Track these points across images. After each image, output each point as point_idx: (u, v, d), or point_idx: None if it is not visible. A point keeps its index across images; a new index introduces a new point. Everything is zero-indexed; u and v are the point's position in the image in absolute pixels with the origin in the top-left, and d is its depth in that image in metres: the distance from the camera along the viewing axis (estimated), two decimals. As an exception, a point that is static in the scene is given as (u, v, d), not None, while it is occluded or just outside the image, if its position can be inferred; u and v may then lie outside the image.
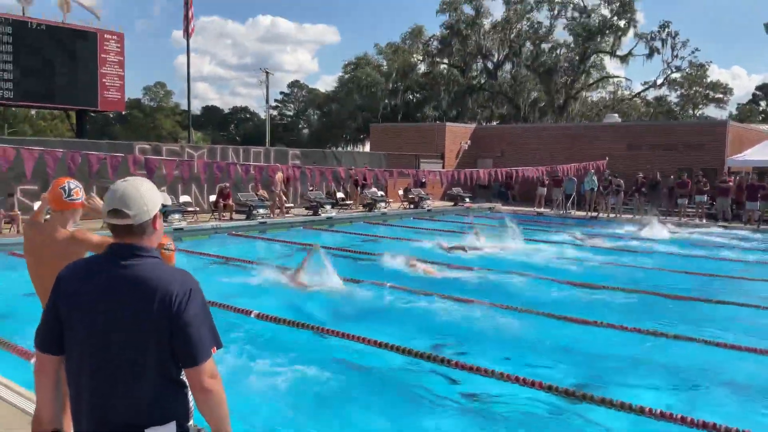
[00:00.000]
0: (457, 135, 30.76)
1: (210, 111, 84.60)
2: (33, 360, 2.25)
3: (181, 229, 15.64)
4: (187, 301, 2.00)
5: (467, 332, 7.60)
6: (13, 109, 46.50)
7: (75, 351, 2.06)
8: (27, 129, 52.94)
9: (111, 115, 63.99)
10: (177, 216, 16.27)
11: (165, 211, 15.89)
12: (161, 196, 2.19)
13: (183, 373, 2.05)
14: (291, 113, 76.70)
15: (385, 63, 51.39)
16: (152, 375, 1.99)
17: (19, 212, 14.26)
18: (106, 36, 21.94)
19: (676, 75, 47.85)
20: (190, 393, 2.09)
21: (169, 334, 1.98)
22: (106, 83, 22.00)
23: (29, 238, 3.56)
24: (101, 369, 2.01)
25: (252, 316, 7.69)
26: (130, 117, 64.85)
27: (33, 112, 52.35)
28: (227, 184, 18.04)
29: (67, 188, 3.48)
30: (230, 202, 18.03)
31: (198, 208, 18.43)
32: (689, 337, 7.15)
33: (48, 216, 3.61)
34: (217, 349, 2.08)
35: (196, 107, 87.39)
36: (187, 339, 1.99)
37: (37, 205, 3.72)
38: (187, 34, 25.90)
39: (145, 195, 2.10)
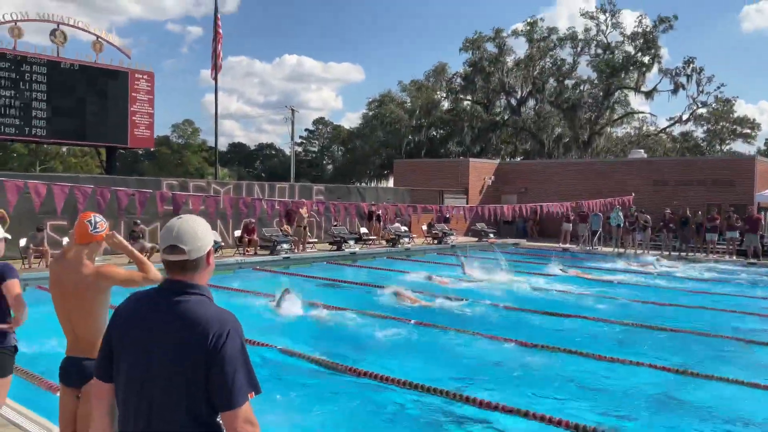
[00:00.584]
0: (481, 171, 30.75)
1: (236, 147, 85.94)
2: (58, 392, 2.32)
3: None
4: (224, 341, 1.99)
5: (491, 369, 7.46)
6: (45, 146, 47.76)
7: (120, 382, 2.12)
8: (58, 166, 54.17)
9: (140, 152, 65.30)
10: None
11: (217, 247, 16.03)
12: (213, 233, 2.23)
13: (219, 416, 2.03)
14: (315, 149, 77.56)
15: (408, 100, 51.89)
16: (188, 414, 1.99)
17: (48, 247, 14.46)
18: (136, 75, 22.52)
19: (702, 110, 47.54)
20: None
21: (205, 373, 1.97)
22: (136, 121, 22.49)
23: (55, 271, 3.59)
24: (141, 402, 2.04)
25: (276, 349, 7.65)
26: (159, 153, 66.08)
27: (64, 149, 53.62)
28: (252, 220, 18.20)
29: (93, 221, 3.54)
30: (255, 237, 18.14)
31: (223, 244, 18.57)
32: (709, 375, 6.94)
33: (72, 250, 3.64)
34: (254, 394, 2.03)
35: (223, 144, 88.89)
36: (223, 380, 1.97)
37: (66, 240, 3.77)
38: (216, 73, 26.46)
39: (199, 232, 2.15)
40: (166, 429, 1.99)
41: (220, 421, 2.02)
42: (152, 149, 48.09)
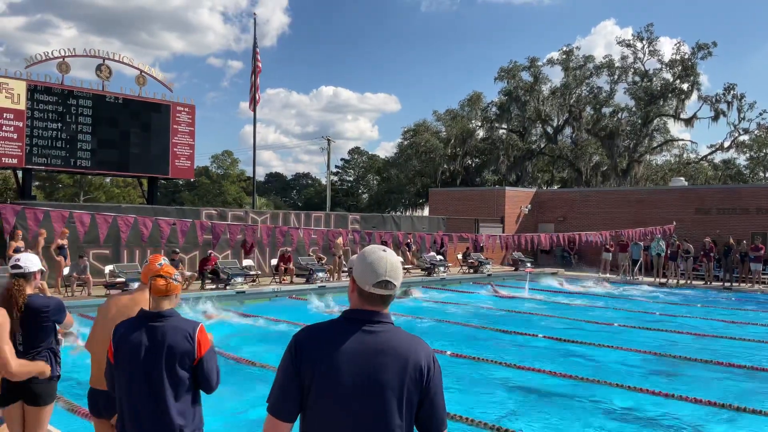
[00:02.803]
0: (517, 199, 30.53)
1: (273, 177, 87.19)
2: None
3: (243, 292, 15.88)
4: (434, 370, 2.04)
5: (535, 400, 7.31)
6: (89, 177, 49.14)
7: (320, 420, 2.03)
8: (101, 196, 55.63)
9: (180, 182, 66.72)
10: (239, 279, 16.56)
11: (229, 276, 16.24)
12: None
13: None
14: (351, 179, 78.15)
15: (443, 129, 52.04)
16: None
17: (90, 276, 14.78)
18: (178, 108, 23.11)
19: (744, 137, 46.49)
20: None
21: (418, 403, 2.00)
22: (177, 152, 23.02)
23: (114, 300, 3.67)
24: None
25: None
26: (198, 183, 67.38)
27: (107, 179, 55.07)
28: (289, 249, 18.35)
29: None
30: (291, 266, 18.27)
31: (260, 272, 18.73)
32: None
33: (134, 291, 3.72)
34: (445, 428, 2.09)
35: (261, 174, 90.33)
36: (434, 409, 2.03)
37: (137, 284, 3.82)
38: (254, 105, 27.01)
39: (401, 269, 2.14)
40: None
41: None
42: (192, 179, 49.05)
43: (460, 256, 24.15)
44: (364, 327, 2.04)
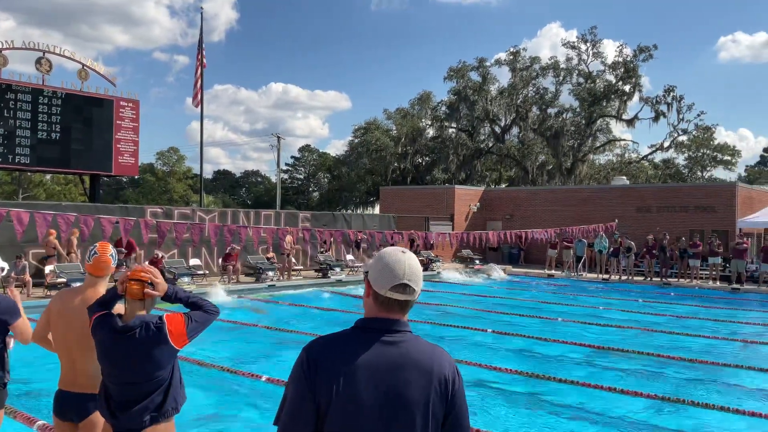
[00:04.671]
0: (466, 198, 30.91)
1: (222, 175, 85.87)
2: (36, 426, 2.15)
3: (191, 292, 15.58)
4: (458, 382, 1.93)
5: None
6: (29, 174, 47.38)
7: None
8: (41, 194, 53.71)
9: (124, 180, 64.99)
10: (186, 279, 16.28)
11: (175, 275, 15.93)
12: None
13: None
14: (301, 177, 77.63)
15: (394, 127, 52.25)
16: None
17: (30, 276, 14.26)
18: (121, 103, 22.51)
19: (683, 138, 48.27)
20: None
21: (443, 416, 1.88)
22: (121, 149, 22.42)
23: (63, 303, 3.53)
24: None
25: (263, 380, 7.57)
26: (143, 181, 65.79)
27: (48, 177, 53.23)
28: (236, 246, 18.10)
29: (114, 255, 3.56)
30: (237, 264, 18.00)
31: (207, 272, 18.43)
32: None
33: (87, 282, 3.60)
34: None
35: (209, 171, 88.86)
36: (459, 422, 1.91)
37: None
38: (201, 102, 26.53)
39: (421, 270, 2.00)
40: None
41: None
42: (137, 177, 47.88)
43: (410, 254, 24.27)
44: (382, 337, 1.89)
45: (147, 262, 16.74)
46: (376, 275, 1.94)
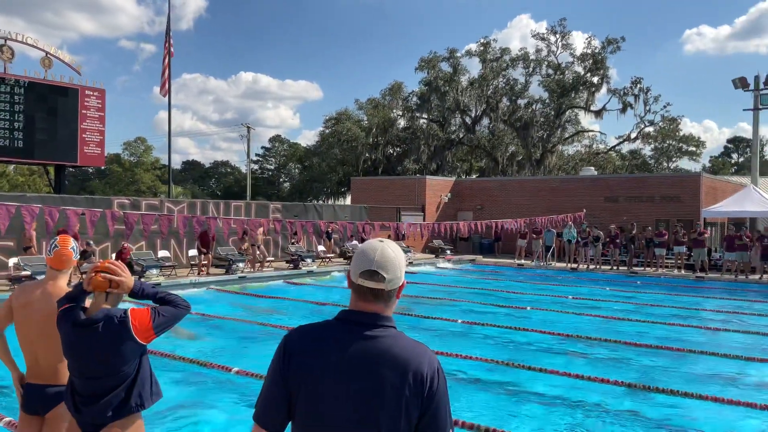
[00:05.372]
0: (438, 188, 31.03)
1: (190, 165, 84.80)
2: None
3: (159, 284, 15.40)
4: (437, 380, 1.87)
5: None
6: (-9, 164, 46.22)
7: (309, 429, 1.87)
8: (4, 185, 52.44)
9: (90, 170, 63.76)
10: (155, 271, 16.08)
11: (144, 267, 15.72)
12: None
13: None
14: (272, 167, 77.07)
15: (365, 118, 52.15)
16: None
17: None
18: (87, 92, 22.05)
19: (650, 129, 49.07)
20: None
21: (418, 415, 1.83)
22: (86, 138, 21.98)
23: (25, 296, 3.46)
24: None
25: (233, 372, 7.52)
26: (110, 172, 64.67)
27: (11, 167, 51.98)
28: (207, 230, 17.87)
29: (75, 248, 3.50)
30: (210, 254, 17.81)
31: (176, 263, 18.22)
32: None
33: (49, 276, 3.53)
34: (452, 431, 1.91)
35: (177, 162, 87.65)
36: (436, 422, 1.84)
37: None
38: (168, 91, 26.13)
39: (400, 260, 1.94)
40: None
41: None
42: (103, 167, 47.04)
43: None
44: (361, 331, 1.87)
45: (113, 255, 16.51)
46: (351, 262, 1.95)
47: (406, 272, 2.01)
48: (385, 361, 1.83)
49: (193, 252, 18.64)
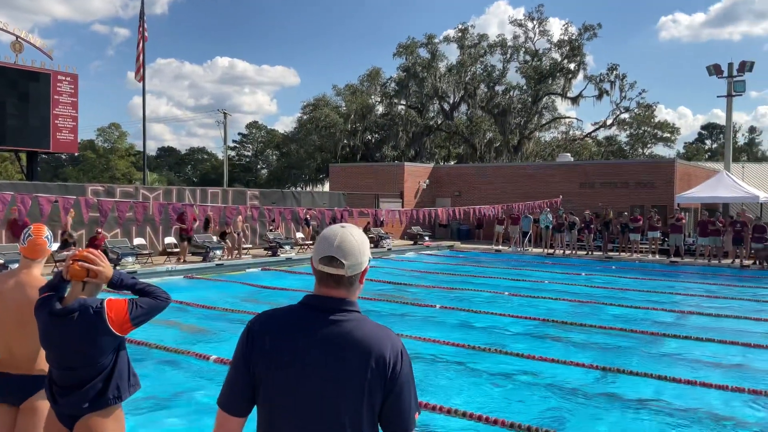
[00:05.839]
0: (416, 175, 31.06)
1: (166, 152, 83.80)
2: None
3: (135, 272, 15.25)
4: (401, 363, 1.86)
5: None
6: (-40, 150, 45.21)
7: (274, 414, 1.87)
8: (-26, 171, 51.40)
9: (63, 157, 62.70)
10: (130, 259, 15.91)
11: (119, 255, 15.55)
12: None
13: None
14: (249, 154, 76.47)
15: (343, 104, 51.91)
16: None
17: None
18: (59, 77, 21.61)
19: (625, 115, 49.58)
20: None
21: (381, 398, 1.84)
22: (59, 124, 21.58)
23: (0, 283, 3.40)
24: None
25: (211, 360, 7.49)
26: (83, 158, 63.67)
27: (-19, 154, 50.95)
28: (184, 225, 17.71)
29: (49, 237, 3.46)
30: (186, 243, 17.66)
31: (152, 251, 18.04)
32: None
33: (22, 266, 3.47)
34: (418, 414, 1.92)
35: (152, 148, 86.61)
36: (399, 405, 1.85)
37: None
38: (141, 76, 25.72)
39: (361, 245, 1.92)
40: None
41: None
42: (76, 154, 46.26)
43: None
44: (325, 315, 1.88)
45: (87, 242, 16.29)
46: (313, 248, 1.97)
47: (384, 258, 2.01)
48: (348, 344, 1.84)
49: (169, 239, 18.47)
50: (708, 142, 74.28)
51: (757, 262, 19.69)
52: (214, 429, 1.98)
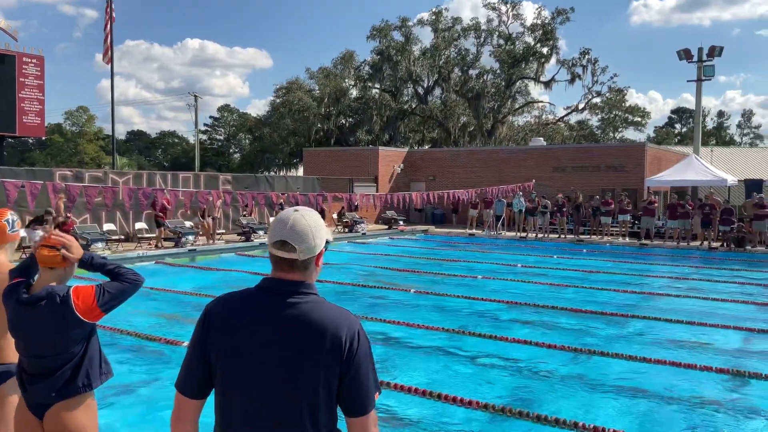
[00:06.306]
0: (390, 159, 31.01)
1: (136, 135, 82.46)
2: None
3: (104, 257, 15.02)
4: (357, 344, 1.86)
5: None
6: None
7: (230, 395, 1.89)
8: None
9: (30, 141, 61.32)
10: (100, 245, 15.68)
11: (88, 241, 15.29)
12: (327, 231, 2.01)
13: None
14: (221, 137, 75.56)
15: (317, 87, 51.48)
16: (315, 423, 1.84)
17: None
18: (25, 59, 21.07)
19: (597, 100, 50.00)
20: None
21: (338, 380, 1.84)
22: (25, 108, 21.08)
23: None
24: (259, 416, 1.85)
25: (183, 346, 7.42)
26: (51, 142, 62.34)
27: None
28: (161, 210, 17.46)
29: (10, 221, 3.36)
30: (162, 228, 17.42)
31: (122, 237, 17.79)
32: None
33: None
34: (378, 395, 1.92)
35: (121, 132, 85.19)
36: (357, 386, 1.85)
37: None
38: (109, 58, 25.21)
39: (314, 229, 1.92)
40: None
41: (339, 429, 1.92)
42: (44, 138, 45.26)
43: (335, 216, 24.28)
44: (281, 298, 1.88)
45: (55, 227, 15.98)
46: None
47: (359, 243, 2.01)
48: (304, 326, 1.84)
49: (140, 225, 18.22)
50: (678, 126, 75.36)
51: (725, 245, 20.10)
52: (173, 412, 1.99)
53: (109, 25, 24.95)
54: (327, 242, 1.98)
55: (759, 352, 7.81)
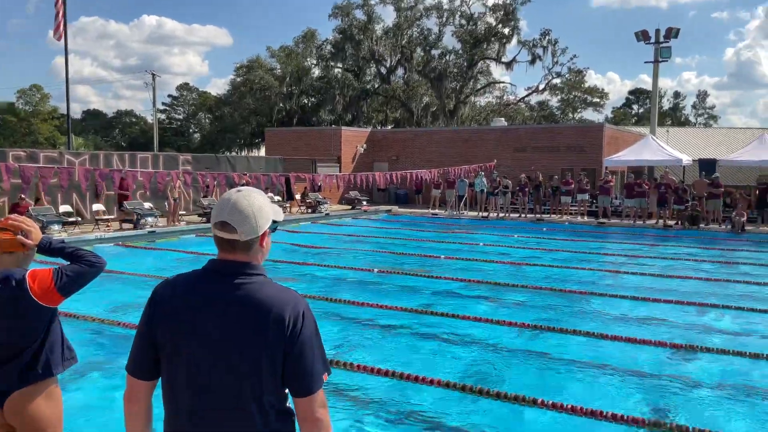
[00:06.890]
0: (353, 139, 30.89)
1: (92, 115, 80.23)
2: None
3: (62, 240, 14.68)
4: (302, 324, 1.86)
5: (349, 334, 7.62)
6: None
7: (176, 376, 1.89)
8: None
9: (-21, 120, 59.20)
10: (56, 227, 15.30)
11: (44, 224, 14.91)
12: (273, 211, 1.98)
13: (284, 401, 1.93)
14: (181, 117, 74.07)
15: (278, 66, 50.77)
16: (261, 404, 1.84)
17: None
18: (-29, 34, 20.24)
19: (557, 80, 50.53)
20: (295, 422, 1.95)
21: (282, 360, 1.84)
22: (-27, 85, 20.30)
23: None
24: (205, 396, 1.86)
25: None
26: (3, 122, 60.28)
27: None
28: (124, 192, 17.13)
29: None
30: (123, 208, 17.09)
31: (80, 218, 17.39)
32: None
33: None
34: (328, 375, 1.93)
35: (77, 111, 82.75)
36: (302, 366, 1.85)
37: None
38: (62, 35, 24.41)
39: (257, 210, 1.90)
40: (238, 424, 1.84)
41: (291, 407, 1.92)
42: (-6, 117, 43.71)
43: (298, 196, 24.13)
44: (228, 279, 1.89)
45: (9, 210, 15.55)
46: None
47: (322, 223, 2.03)
48: (248, 306, 1.85)
49: (97, 206, 17.82)
50: (635, 107, 76.68)
51: (679, 223, 20.66)
52: (125, 393, 2.02)
53: (60, 0, 24.12)
54: (275, 222, 1.98)
55: (710, 327, 8.09)
